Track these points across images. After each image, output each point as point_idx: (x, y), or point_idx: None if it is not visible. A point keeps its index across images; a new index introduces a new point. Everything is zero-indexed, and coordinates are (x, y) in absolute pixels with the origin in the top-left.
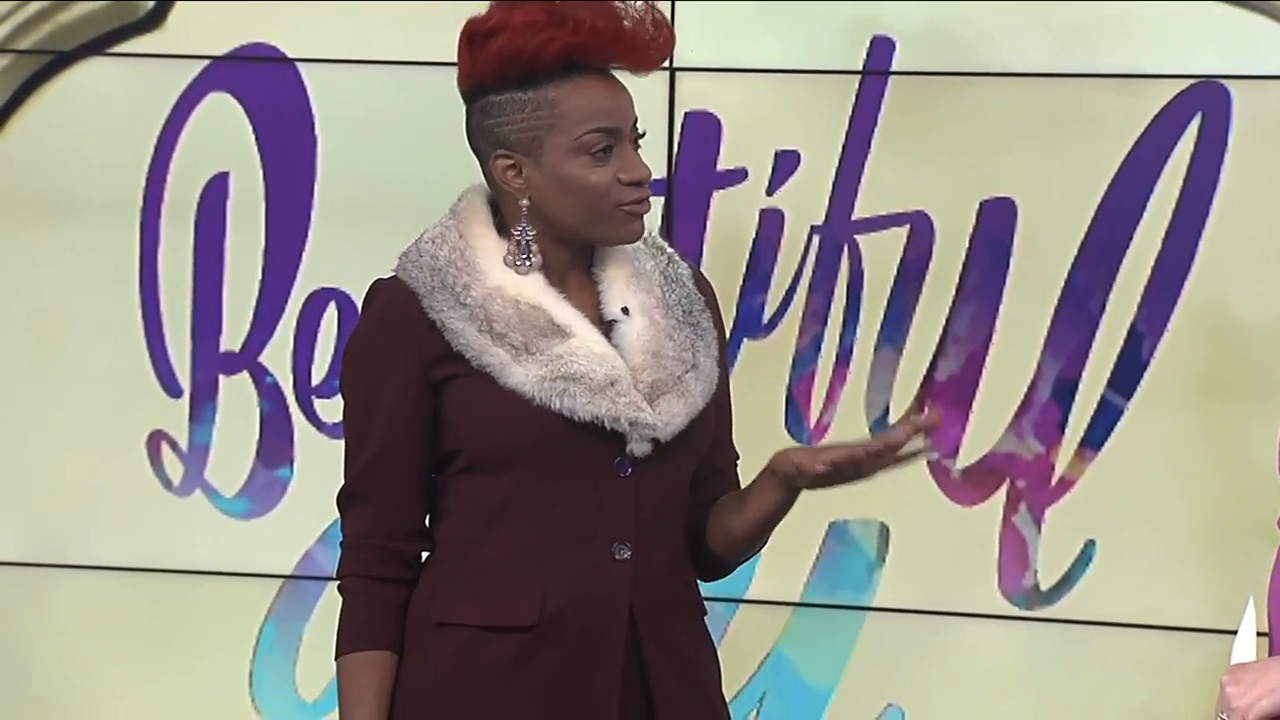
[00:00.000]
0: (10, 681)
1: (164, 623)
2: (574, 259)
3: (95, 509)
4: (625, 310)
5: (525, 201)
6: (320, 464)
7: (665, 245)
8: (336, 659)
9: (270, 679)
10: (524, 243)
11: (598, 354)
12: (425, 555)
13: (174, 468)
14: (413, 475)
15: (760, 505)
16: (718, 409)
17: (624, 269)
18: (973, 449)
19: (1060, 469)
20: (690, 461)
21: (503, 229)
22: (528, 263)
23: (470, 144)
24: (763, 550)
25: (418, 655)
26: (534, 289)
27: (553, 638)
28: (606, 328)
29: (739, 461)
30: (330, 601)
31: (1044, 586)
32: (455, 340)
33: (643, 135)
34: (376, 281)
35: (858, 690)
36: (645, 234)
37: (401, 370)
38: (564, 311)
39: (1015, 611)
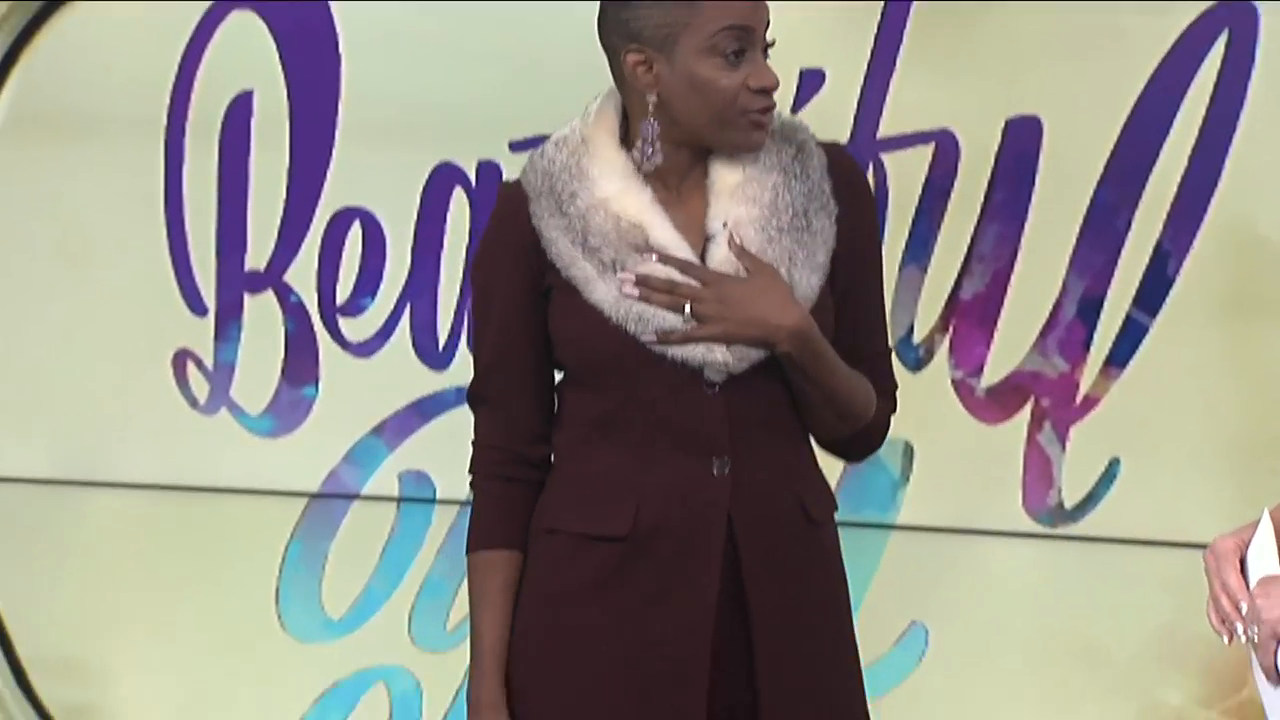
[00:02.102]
0: (39, 597)
1: (191, 540)
2: (692, 163)
3: (122, 427)
4: (725, 225)
5: (653, 98)
6: (345, 383)
7: (799, 133)
8: (467, 555)
9: (296, 597)
10: (649, 139)
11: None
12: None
13: (200, 386)
14: (529, 380)
15: None
16: (853, 299)
17: (736, 175)
18: (997, 367)
19: (1085, 387)
20: (782, 374)
21: (625, 139)
22: (651, 160)
23: (601, 39)
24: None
25: (532, 558)
26: (639, 205)
27: (647, 550)
28: (705, 244)
29: (890, 352)
30: (354, 521)
31: (1068, 504)
32: (550, 249)
33: (772, 44)
34: (500, 183)
35: (882, 608)
36: (777, 124)
37: (509, 275)
38: (663, 230)
39: (1039, 529)
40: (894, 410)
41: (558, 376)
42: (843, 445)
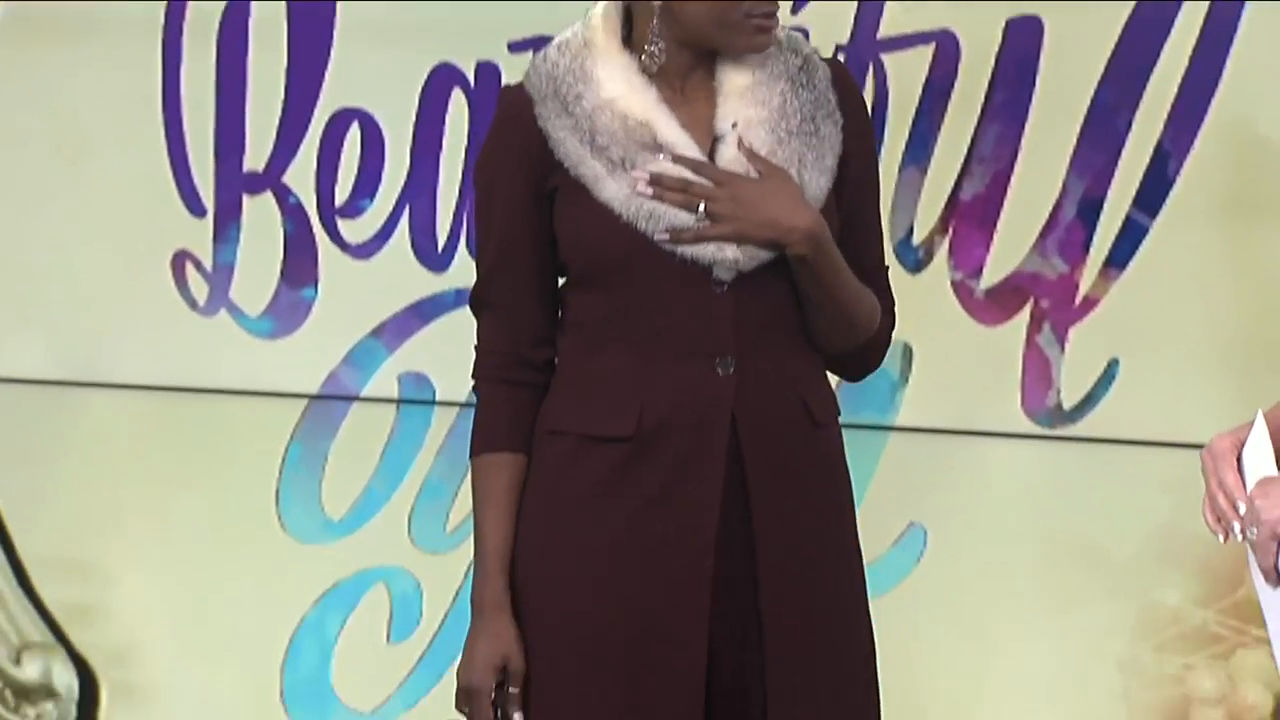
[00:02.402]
0: (40, 498)
1: (190, 441)
2: (696, 65)
3: (122, 328)
4: (734, 125)
5: (658, 2)
6: (344, 284)
7: (804, 46)
8: (471, 458)
9: (296, 498)
10: (654, 44)
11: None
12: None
13: (199, 287)
14: (533, 282)
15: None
16: (853, 213)
17: (745, 78)
18: (997, 268)
19: (1084, 288)
20: (790, 277)
21: (629, 41)
22: (655, 63)
23: None
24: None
25: (536, 461)
26: (645, 104)
27: (651, 450)
28: (714, 144)
29: (886, 269)
30: (354, 422)
31: (1067, 405)
32: (558, 149)
33: None
34: (502, 87)
35: (881, 509)
36: (783, 36)
37: (513, 178)
38: (671, 130)
39: (1038, 430)
40: (893, 327)
41: (559, 283)
42: (844, 361)
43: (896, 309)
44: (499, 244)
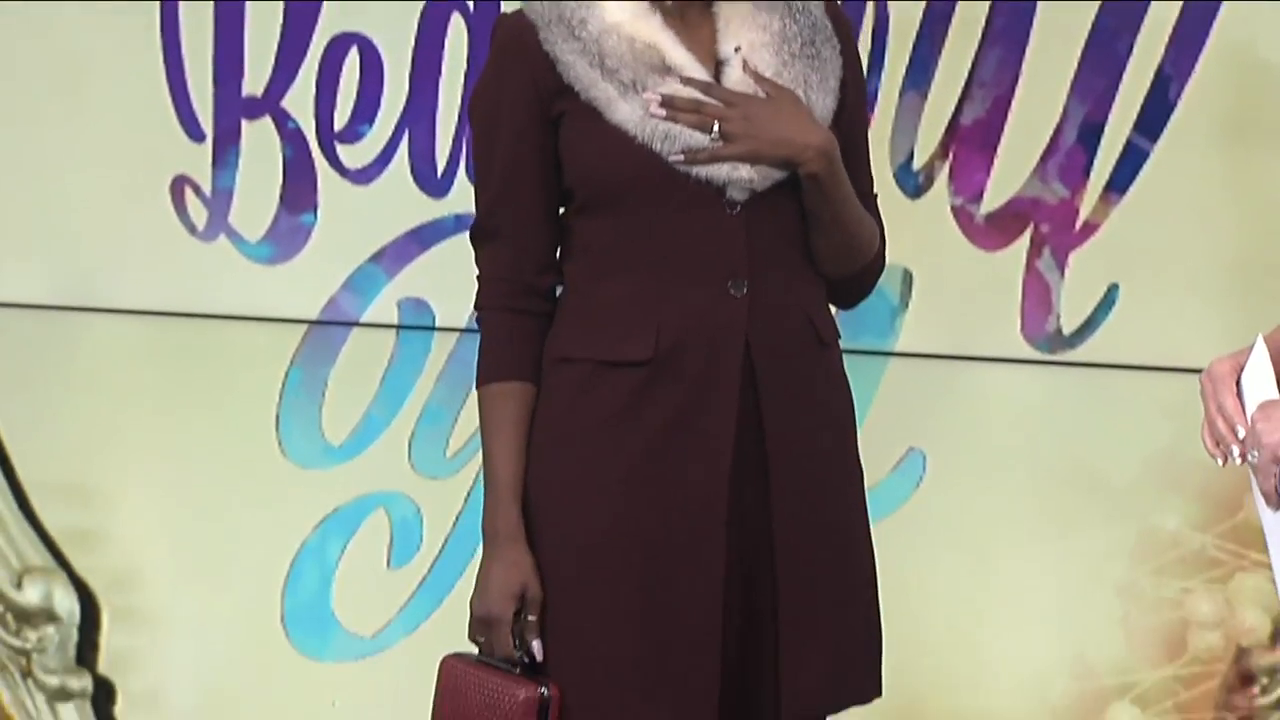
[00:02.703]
0: (40, 422)
1: (191, 367)
2: None
3: (121, 253)
4: (737, 49)
5: None
6: (344, 210)
7: None
8: (477, 388)
9: (296, 423)
10: None
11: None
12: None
13: (198, 212)
14: (538, 210)
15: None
16: (844, 141)
17: (743, 3)
18: (997, 193)
19: (1085, 213)
20: (801, 200)
21: None
22: None
23: None
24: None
25: (545, 389)
26: (650, 28)
27: (668, 373)
28: (718, 68)
29: (875, 195)
30: (354, 348)
31: (1066, 330)
32: (566, 73)
33: None
34: (499, 15)
35: (880, 434)
36: None
37: (515, 104)
38: (677, 52)
39: (1037, 355)
40: (884, 255)
41: (561, 211)
42: (840, 287)
43: (895, 234)
44: (502, 172)
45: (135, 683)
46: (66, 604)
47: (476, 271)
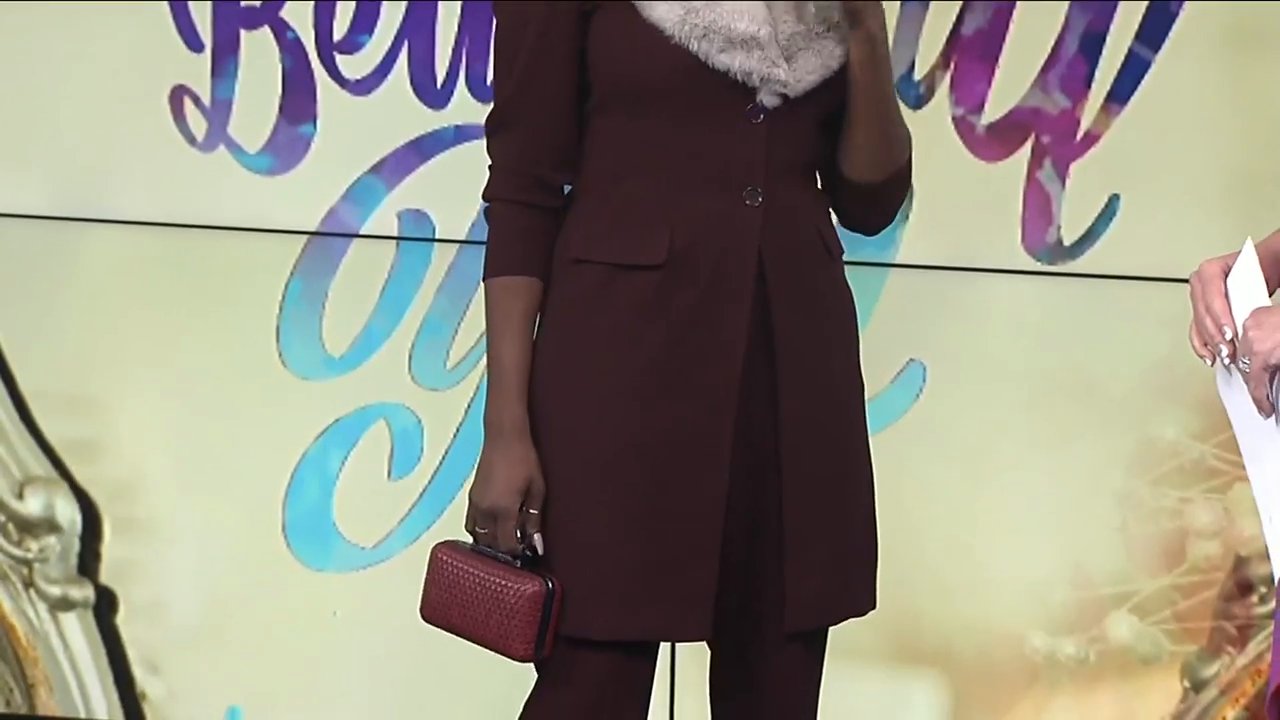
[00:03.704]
0: (40, 333)
1: (191, 278)
2: None
3: (121, 163)
4: None
5: None
6: (343, 121)
7: None
8: (485, 280)
9: (297, 334)
10: None
11: (743, 6)
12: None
13: (197, 123)
14: (560, 103)
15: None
16: None
17: None
18: (998, 104)
19: (1086, 123)
20: (823, 115)
21: None
22: None
23: None
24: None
25: (557, 291)
26: None
27: (682, 277)
28: None
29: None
30: (354, 259)
31: (1067, 241)
32: None
33: None
34: None
35: (880, 346)
36: None
37: None
38: None
39: (1038, 266)
40: (911, 166)
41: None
42: (871, 197)
43: None
44: (528, 61)
45: (137, 593)
46: (68, 514)
47: (489, 161)
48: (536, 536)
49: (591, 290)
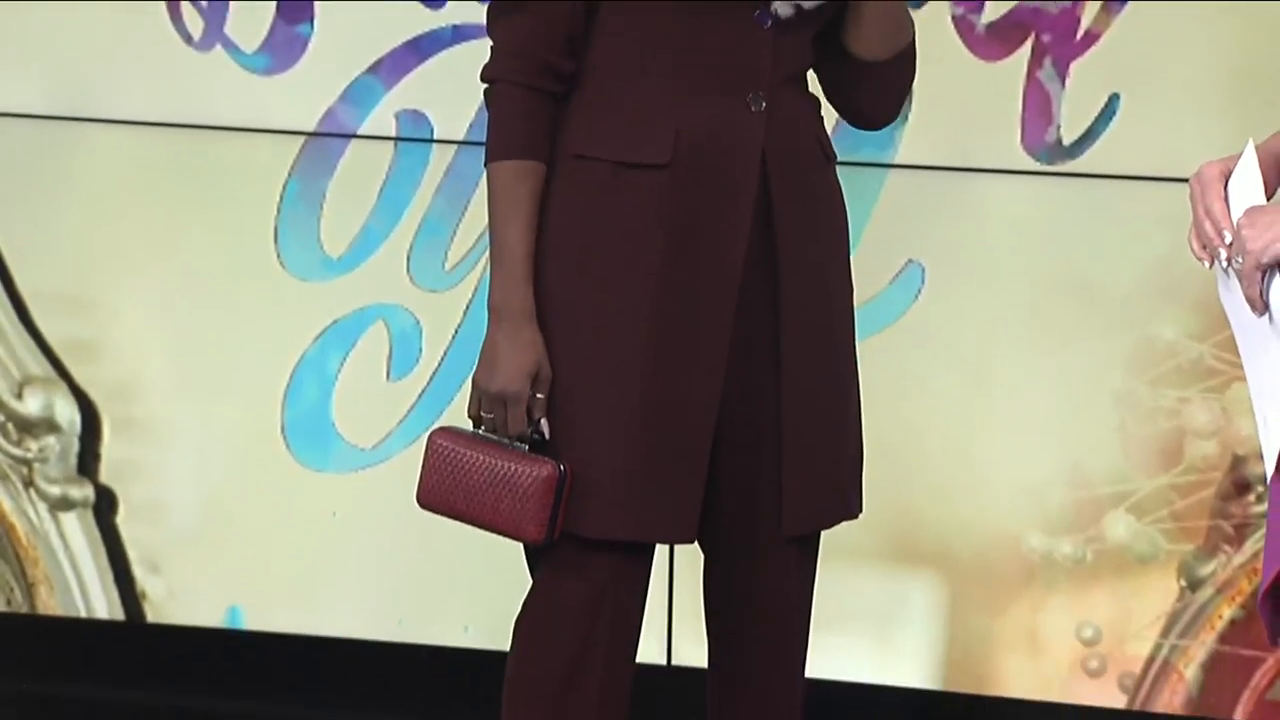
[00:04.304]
0: (38, 233)
1: (188, 178)
2: None
3: (117, 63)
4: None
5: None
6: (340, 20)
7: None
8: (488, 164)
9: (295, 235)
10: None
11: None
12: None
13: (194, 22)
14: None
15: None
16: None
17: None
18: (998, 3)
19: (1086, 22)
20: (823, 25)
21: None
22: None
23: None
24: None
25: (557, 185)
26: None
27: (686, 179)
28: None
29: None
30: (352, 160)
31: (1067, 141)
32: None
33: None
34: None
35: (879, 247)
36: None
37: None
38: None
39: (1037, 166)
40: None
41: None
42: (880, 80)
43: None
44: None
45: (136, 492)
46: (67, 414)
47: (493, 43)
48: (544, 421)
49: (594, 187)
